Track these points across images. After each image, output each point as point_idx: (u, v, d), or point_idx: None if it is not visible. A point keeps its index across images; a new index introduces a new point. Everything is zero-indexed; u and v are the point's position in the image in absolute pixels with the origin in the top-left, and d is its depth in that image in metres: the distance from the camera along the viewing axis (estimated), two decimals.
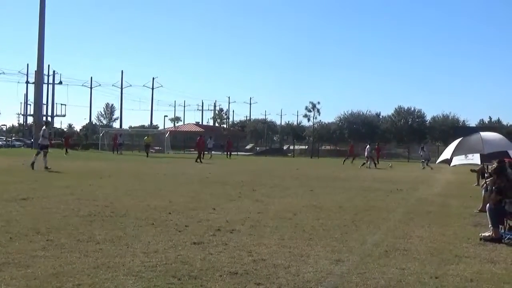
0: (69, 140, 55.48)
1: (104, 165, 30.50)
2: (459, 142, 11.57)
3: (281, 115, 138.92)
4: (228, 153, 54.31)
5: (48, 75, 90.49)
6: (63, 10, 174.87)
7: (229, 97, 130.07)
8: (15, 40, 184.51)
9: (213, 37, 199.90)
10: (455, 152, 11.53)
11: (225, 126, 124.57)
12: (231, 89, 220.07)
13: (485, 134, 11.58)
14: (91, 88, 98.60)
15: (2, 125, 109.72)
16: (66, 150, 48.39)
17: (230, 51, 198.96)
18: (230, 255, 7.09)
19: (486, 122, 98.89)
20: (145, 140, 54.68)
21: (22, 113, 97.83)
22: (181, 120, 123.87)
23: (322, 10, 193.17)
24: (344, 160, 44.21)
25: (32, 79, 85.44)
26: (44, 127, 25.73)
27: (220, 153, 57.46)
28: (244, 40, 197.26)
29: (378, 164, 41.04)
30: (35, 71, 75.86)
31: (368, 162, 38.61)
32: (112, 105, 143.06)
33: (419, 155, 43.04)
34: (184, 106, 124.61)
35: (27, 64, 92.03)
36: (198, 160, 38.08)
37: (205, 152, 42.89)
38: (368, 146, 39.94)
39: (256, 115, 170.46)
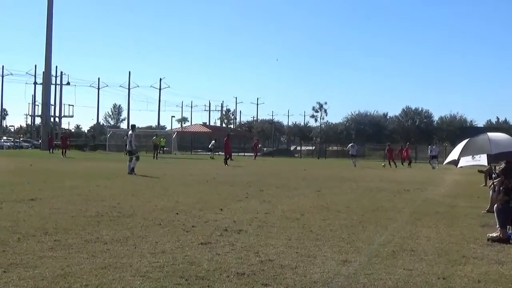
0: (67, 141, 49.13)
1: (111, 166, 30.57)
2: (466, 143, 11.51)
3: (288, 116, 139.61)
4: (256, 154, 54.70)
5: (56, 76, 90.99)
6: (71, 11, 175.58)
7: (236, 98, 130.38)
8: (23, 41, 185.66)
9: (220, 37, 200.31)
10: (462, 153, 11.47)
11: (232, 126, 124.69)
12: (238, 89, 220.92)
13: (492, 135, 11.50)
14: (98, 88, 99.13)
15: (10, 126, 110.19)
16: (63, 152, 44.48)
17: (237, 52, 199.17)
18: (237, 256, 7.10)
19: (494, 122, 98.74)
20: (153, 140, 54.09)
21: (30, 114, 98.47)
22: (188, 121, 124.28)
23: (329, 10, 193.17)
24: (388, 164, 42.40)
25: (40, 80, 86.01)
26: (130, 132, 25.00)
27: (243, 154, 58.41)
28: (251, 41, 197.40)
29: (410, 166, 41.89)
30: (43, 72, 76.30)
31: (353, 161, 40.98)
32: (120, 105, 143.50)
33: (429, 156, 43.56)
34: (191, 107, 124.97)
35: (35, 65, 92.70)
36: (226, 164, 34.80)
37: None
38: (351, 144, 43.65)
39: (263, 115, 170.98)
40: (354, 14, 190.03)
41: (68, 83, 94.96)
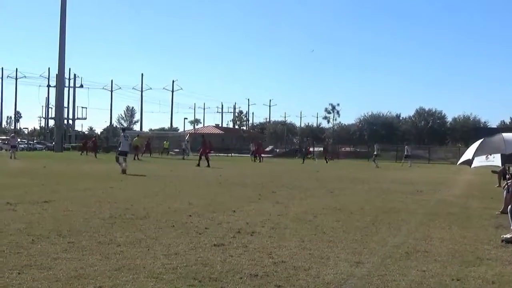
0: (97, 143, 56.02)
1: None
2: (481, 143, 11.45)
3: (300, 117, 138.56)
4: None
5: (69, 79, 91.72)
6: (84, 14, 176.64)
7: (248, 99, 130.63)
8: (36, 44, 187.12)
9: (232, 39, 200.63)
10: (476, 153, 11.40)
11: (244, 128, 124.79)
12: (250, 91, 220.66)
13: (507, 134, 11.45)
14: (111, 91, 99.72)
15: (24, 128, 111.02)
16: (94, 154, 49.63)
17: (249, 53, 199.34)
18: (250, 257, 7.09)
19: (507, 122, 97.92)
20: (133, 141, 54.17)
21: (44, 116, 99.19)
22: (201, 123, 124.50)
23: (341, 11, 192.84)
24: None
25: (53, 82, 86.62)
26: (122, 134, 26.90)
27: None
28: (263, 42, 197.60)
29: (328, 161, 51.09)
30: (56, 74, 76.85)
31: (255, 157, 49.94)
32: (133, 107, 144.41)
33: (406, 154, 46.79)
34: (204, 109, 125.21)
35: (48, 68, 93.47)
36: (199, 165, 33.51)
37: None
38: (252, 144, 55.45)
39: (276, 117, 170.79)
40: (367, 14, 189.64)
41: (82, 86, 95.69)
